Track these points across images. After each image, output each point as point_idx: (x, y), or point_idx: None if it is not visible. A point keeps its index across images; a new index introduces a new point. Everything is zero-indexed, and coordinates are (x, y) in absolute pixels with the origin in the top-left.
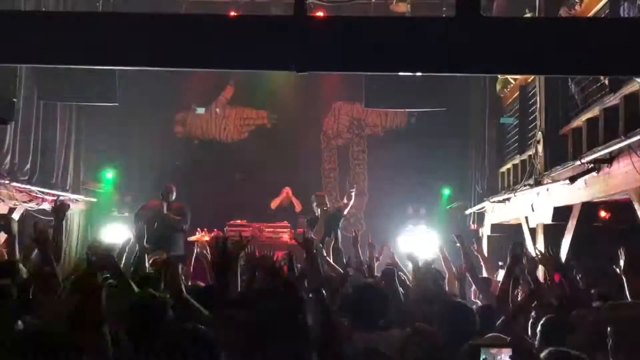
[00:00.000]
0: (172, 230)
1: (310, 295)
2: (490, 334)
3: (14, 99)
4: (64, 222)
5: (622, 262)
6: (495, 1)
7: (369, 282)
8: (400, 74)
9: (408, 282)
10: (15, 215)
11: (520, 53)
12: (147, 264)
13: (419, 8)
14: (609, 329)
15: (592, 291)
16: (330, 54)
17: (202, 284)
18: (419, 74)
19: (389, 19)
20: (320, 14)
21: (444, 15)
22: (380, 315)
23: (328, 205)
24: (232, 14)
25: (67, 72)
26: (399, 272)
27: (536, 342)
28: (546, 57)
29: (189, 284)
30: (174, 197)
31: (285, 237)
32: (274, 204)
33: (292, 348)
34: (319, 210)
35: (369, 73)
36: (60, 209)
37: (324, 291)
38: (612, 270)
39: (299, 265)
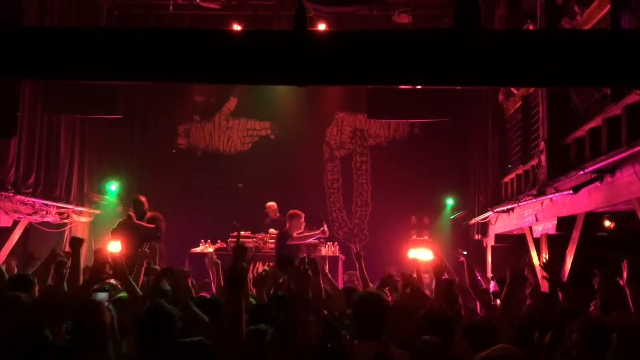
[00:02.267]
0: (145, 239)
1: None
2: (498, 345)
3: (17, 113)
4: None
5: (624, 274)
6: (497, 12)
7: (368, 291)
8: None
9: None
10: (20, 228)
11: (519, 65)
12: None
13: (420, 19)
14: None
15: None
16: (330, 68)
17: (207, 296)
18: (418, 87)
19: (388, 31)
20: (322, 25)
21: (445, 27)
22: (380, 324)
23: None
24: (235, 26)
25: (70, 85)
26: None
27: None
28: (546, 69)
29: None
30: (145, 207)
31: None
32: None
33: None
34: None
35: (369, 86)
36: (75, 242)
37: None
38: (616, 281)
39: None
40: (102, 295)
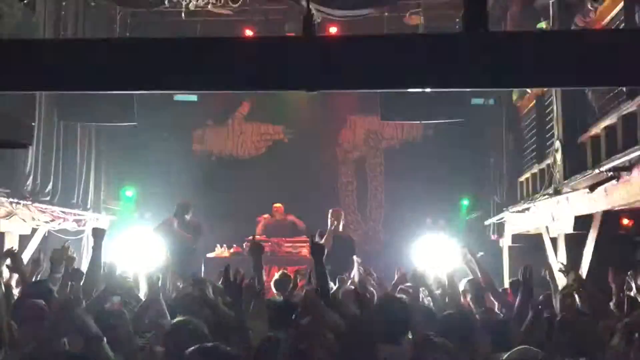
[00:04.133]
0: (182, 249)
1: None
2: (520, 347)
3: (33, 123)
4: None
5: (633, 285)
6: (509, 12)
7: (391, 294)
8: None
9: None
10: (38, 235)
11: (529, 66)
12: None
13: (432, 19)
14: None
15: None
16: (339, 73)
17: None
18: (428, 90)
19: (396, 36)
20: (333, 29)
21: (457, 27)
22: (404, 328)
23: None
24: (247, 32)
25: (86, 94)
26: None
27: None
28: (556, 70)
29: None
30: (189, 213)
31: (304, 251)
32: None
33: None
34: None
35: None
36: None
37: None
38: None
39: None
40: (117, 299)
